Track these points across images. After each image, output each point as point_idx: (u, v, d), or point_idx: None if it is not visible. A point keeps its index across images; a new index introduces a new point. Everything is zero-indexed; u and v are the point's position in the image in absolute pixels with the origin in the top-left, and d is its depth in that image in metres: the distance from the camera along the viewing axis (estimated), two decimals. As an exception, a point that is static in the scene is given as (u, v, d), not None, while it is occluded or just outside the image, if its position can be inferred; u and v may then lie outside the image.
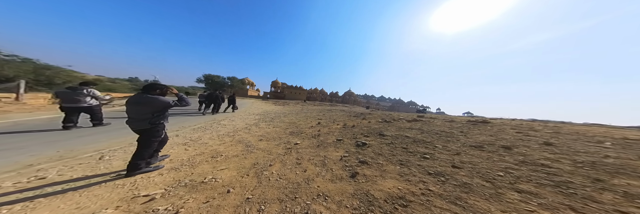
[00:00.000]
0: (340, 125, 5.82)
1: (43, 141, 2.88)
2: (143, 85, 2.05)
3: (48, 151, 2.49)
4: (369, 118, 7.13)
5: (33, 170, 1.94)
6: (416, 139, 3.52)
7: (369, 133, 4.11)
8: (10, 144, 2.64)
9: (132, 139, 2.86)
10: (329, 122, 6.70)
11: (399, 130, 4.30)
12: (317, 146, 3.35)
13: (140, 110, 1.92)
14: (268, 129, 5.23)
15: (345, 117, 8.38)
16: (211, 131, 4.56)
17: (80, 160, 2.28)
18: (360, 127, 4.99)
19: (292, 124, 6.27)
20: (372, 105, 64.58)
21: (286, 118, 8.07)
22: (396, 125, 5.03)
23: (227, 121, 6.06)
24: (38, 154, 2.37)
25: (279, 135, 4.53)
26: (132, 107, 1.93)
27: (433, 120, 6.13)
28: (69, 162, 2.19)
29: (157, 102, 1.93)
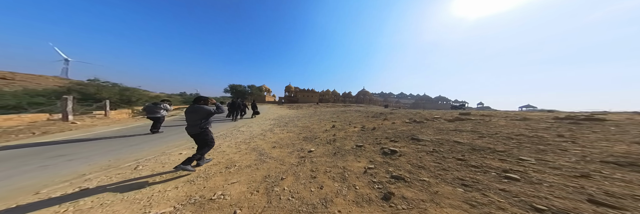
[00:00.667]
0: (358, 127, 5.43)
1: (104, 150, 3.41)
2: (193, 98, 2.59)
3: (102, 160, 2.87)
4: (391, 118, 6.54)
5: (82, 180, 2.17)
6: (476, 146, 2.54)
7: (397, 137, 3.51)
8: (82, 154, 3.17)
9: (167, 148, 3.61)
10: (345, 124, 6.34)
11: (439, 133, 3.41)
12: (334, 155, 3.05)
13: (193, 117, 2.42)
14: (282, 135, 5.15)
15: (362, 118, 7.90)
16: (230, 138, 4.59)
17: (120, 169, 2.53)
18: (383, 130, 4.49)
19: (305, 128, 6.11)
20: (391, 103, 61.17)
21: (300, 122, 7.98)
22: (433, 126, 4.12)
23: (245, 128, 6.13)
24: (94, 163, 2.72)
25: (292, 140, 4.38)
26: (187, 115, 2.46)
27: (488, 118, 4.59)
28: (111, 172, 2.43)
29: (202, 110, 2.42)
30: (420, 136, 3.36)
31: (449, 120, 4.82)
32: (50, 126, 5.40)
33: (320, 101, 51.15)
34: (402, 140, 3.33)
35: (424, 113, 7.73)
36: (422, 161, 2.36)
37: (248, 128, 6.29)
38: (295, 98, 51.19)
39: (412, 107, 64.43)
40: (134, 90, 12.26)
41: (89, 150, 3.38)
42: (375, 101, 62.92)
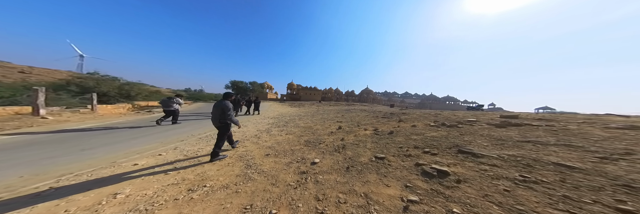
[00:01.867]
0: (369, 130, 4.54)
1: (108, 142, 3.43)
2: (224, 93, 2.87)
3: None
4: (408, 120, 5.60)
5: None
6: (621, 179, 1.42)
7: (432, 148, 2.58)
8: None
9: (160, 144, 3.47)
10: (353, 126, 5.46)
11: (502, 145, 2.35)
12: (347, 170, 2.21)
13: (215, 111, 2.69)
14: (280, 137, 4.31)
15: (370, 119, 6.99)
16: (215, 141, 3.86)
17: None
18: (405, 135, 3.58)
19: (307, 129, 5.26)
20: (396, 102, 59.78)
21: (301, 121, 7.14)
22: (479, 133, 3.00)
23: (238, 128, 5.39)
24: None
25: (291, 145, 3.54)
26: (213, 109, 2.73)
27: (557, 124, 3.38)
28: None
29: (223, 105, 2.64)
30: (473, 148, 2.32)
31: (497, 125, 3.56)
32: (12, 121, 4.69)
33: (323, 99, 50.28)
34: (445, 154, 2.34)
35: (446, 113, 6.72)
36: (516, 198, 1.34)
37: (242, 127, 5.48)
38: (298, 96, 50.39)
39: (418, 107, 62.95)
40: (133, 84, 11.75)
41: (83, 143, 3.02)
42: (379, 100, 61.65)
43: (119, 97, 10.03)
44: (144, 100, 12.29)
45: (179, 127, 5.26)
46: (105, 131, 4.32)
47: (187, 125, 5.69)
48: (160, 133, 4.38)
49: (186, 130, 4.96)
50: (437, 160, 2.17)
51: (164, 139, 3.86)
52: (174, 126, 5.39)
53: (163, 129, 4.91)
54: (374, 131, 4.27)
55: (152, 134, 4.26)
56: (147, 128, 4.92)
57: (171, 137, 4.05)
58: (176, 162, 2.57)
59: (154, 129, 4.87)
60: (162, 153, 2.90)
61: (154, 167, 2.37)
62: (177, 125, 5.52)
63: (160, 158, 2.71)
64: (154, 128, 4.95)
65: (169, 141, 3.70)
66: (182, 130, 4.87)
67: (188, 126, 5.46)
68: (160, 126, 5.20)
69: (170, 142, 3.66)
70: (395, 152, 2.64)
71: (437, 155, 2.33)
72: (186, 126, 5.56)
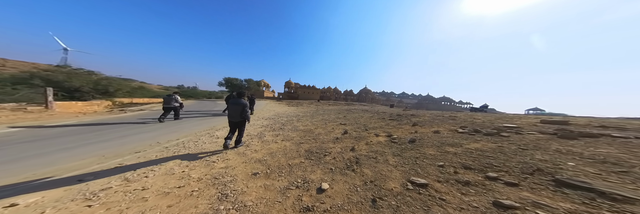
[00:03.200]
0: (382, 136, 3.78)
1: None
2: (237, 92, 3.42)
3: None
4: (422, 123, 4.81)
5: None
6: None
7: (496, 169, 1.83)
8: None
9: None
10: (360, 130, 4.69)
11: (624, 174, 1.52)
12: (374, 207, 1.45)
13: (236, 109, 3.13)
14: (274, 144, 3.49)
15: (377, 121, 6.24)
16: (188, 150, 2.96)
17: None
18: (434, 145, 2.79)
19: (308, 134, 4.46)
20: (394, 102, 59.62)
21: (300, 123, 6.32)
22: (545, 147, 2.25)
23: (224, 131, 4.44)
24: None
25: (289, 158, 2.74)
26: (232, 106, 3.17)
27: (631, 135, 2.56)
28: None
29: (242, 104, 3.15)
30: (585, 179, 1.45)
31: (558, 135, 2.63)
32: None
33: (321, 98, 49.52)
34: (533, 185, 1.51)
35: (462, 116, 5.96)
36: None
37: (228, 131, 4.59)
38: (295, 95, 49.40)
39: (415, 107, 63.07)
40: (112, 79, 10.53)
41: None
42: (377, 100, 61.35)
43: (95, 93, 8.96)
44: (126, 96, 11.16)
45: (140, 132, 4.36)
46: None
47: (157, 129, 4.79)
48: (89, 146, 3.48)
49: (152, 135, 4.08)
50: (529, 198, 1.34)
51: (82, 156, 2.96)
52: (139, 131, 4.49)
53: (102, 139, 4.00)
54: (389, 138, 3.50)
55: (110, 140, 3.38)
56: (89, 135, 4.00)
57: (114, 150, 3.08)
58: (117, 185, 1.73)
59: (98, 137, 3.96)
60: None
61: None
62: (153, 127, 4.68)
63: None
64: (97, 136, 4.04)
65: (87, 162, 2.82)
66: (148, 135, 3.99)
67: (157, 131, 4.57)
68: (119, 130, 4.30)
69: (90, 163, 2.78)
70: (438, 174, 1.86)
71: (518, 186, 1.51)
72: (156, 130, 4.66)
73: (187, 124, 5.48)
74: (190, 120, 6.35)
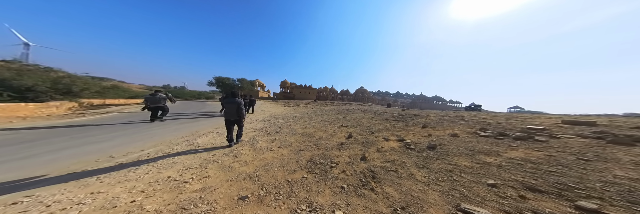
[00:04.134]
0: (393, 140, 3.31)
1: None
2: (231, 92, 3.42)
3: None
4: (432, 125, 4.39)
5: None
6: None
7: (578, 194, 1.32)
8: None
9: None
10: (365, 133, 4.21)
11: None
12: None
13: (232, 107, 3.21)
14: (269, 153, 2.94)
15: (381, 122, 5.80)
16: (151, 166, 2.26)
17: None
18: (463, 153, 2.35)
19: (307, 138, 3.92)
20: (389, 102, 60.03)
21: (298, 125, 5.77)
22: (610, 158, 1.80)
23: (209, 137, 3.84)
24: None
25: (287, 171, 2.20)
26: (227, 105, 3.24)
27: None
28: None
29: (238, 102, 3.23)
30: None
31: (616, 142, 2.21)
32: None
33: (318, 98, 49.05)
34: None
35: (470, 116, 5.56)
36: None
37: (214, 136, 3.95)
38: (291, 95, 48.59)
39: (410, 106, 63.97)
40: (76, 77, 9.22)
41: None
42: (373, 99, 61.67)
43: (54, 93, 7.77)
44: (95, 96, 10.00)
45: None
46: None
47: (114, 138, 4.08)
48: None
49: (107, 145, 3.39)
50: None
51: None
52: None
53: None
54: (402, 144, 3.03)
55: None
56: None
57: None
58: None
59: None
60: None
61: None
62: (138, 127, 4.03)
63: None
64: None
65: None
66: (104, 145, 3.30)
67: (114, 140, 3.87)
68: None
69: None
70: (498, 200, 1.37)
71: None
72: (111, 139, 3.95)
73: (162, 129, 4.58)
74: (169, 123, 5.54)
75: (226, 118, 3.23)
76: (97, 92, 10.24)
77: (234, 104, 3.16)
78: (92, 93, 9.69)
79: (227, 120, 3.23)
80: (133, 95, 14.87)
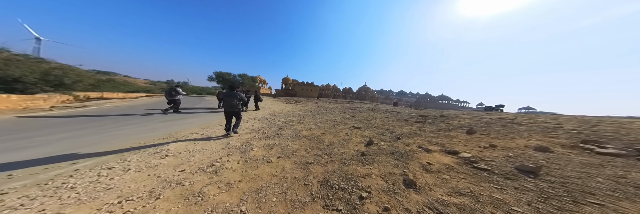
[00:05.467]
0: (439, 152, 2.40)
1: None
2: (229, 85, 3.61)
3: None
4: (479, 130, 3.37)
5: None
6: None
7: None
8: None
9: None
10: (388, 138, 3.33)
11: None
12: None
13: (231, 100, 3.39)
14: (264, 167, 2.07)
15: (399, 123, 4.91)
16: (113, 192, 1.48)
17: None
18: (609, 189, 1.40)
19: (315, 143, 3.05)
20: (393, 100, 58.81)
21: (302, 125, 4.90)
22: None
23: (196, 145, 2.89)
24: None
25: (291, 205, 1.35)
26: (227, 98, 3.40)
27: None
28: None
29: (239, 95, 3.46)
30: None
31: None
32: None
33: (320, 96, 48.16)
34: None
35: (528, 120, 4.40)
36: None
37: (198, 143, 3.03)
38: (293, 92, 47.72)
39: (415, 105, 62.68)
40: (70, 69, 8.56)
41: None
42: (377, 98, 60.46)
43: (45, 85, 7.24)
44: (90, 89, 9.33)
45: None
46: None
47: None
48: None
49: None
50: None
51: None
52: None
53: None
54: (459, 159, 2.11)
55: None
56: None
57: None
58: None
59: None
60: None
61: None
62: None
63: None
64: None
65: None
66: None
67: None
68: None
69: None
70: None
71: None
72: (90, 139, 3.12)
73: (127, 130, 3.49)
74: (148, 120, 4.61)
75: (226, 109, 3.39)
76: (92, 85, 9.56)
77: (233, 97, 3.36)
78: (86, 86, 9.01)
79: (227, 111, 3.40)
80: (134, 90, 14.19)
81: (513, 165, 1.83)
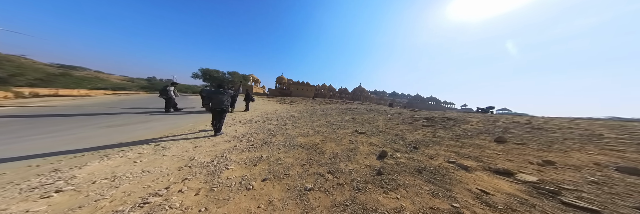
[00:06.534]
0: (482, 170, 1.79)
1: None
2: (217, 84, 3.67)
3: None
4: (515, 137, 2.87)
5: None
6: None
7: None
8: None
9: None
10: (403, 147, 2.72)
11: None
12: None
13: (221, 98, 3.37)
14: (240, 200, 1.36)
15: (406, 127, 4.35)
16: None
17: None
18: None
19: (314, 155, 2.34)
20: (387, 101, 59.42)
21: (297, 129, 4.17)
22: None
23: (136, 164, 1.98)
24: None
25: None
26: (217, 96, 3.35)
27: None
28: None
29: (228, 93, 3.47)
30: None
31: None
32: None
33: (316, 96, 47.43)
34: None
35: (552, 125, 3.83)
36: None
37: (141, 160, 2.07)
38: (288, 91, 46.60)
39: (407, 106, 63.85)
40: (5, 59, 7.29)
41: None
42: (371, 98, 60.84)
43: None
44: (36, 85, 7.87)
45: None
46: None
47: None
48: None
49: None
50: None
51: None
52: None
53: None
54: (525, 186, 1.47)
55: None
56: None
57: None
58: None
59: None
60: None
61: None
62: None
63: None
64: None
65: None
66: None
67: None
68: None
69: None
70: None
71: None
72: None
73: (38, 141, 2.49)
74: (72, 127, 3.24)
75: (213, 107, 3.35)
76: (40, 80, 8.07)
77: (224, 95, 3.39)
78: (31, 80, 7.57)
79: (216, 109, 3.36)
80: (103, 87, 12.55)
81: (626, 201, 1.23)
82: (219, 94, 3.33)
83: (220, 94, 3.33)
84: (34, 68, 7.99)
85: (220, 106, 3.31)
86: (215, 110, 3.31)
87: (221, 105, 3.32)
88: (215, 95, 3.32)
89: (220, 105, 3.31)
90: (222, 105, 3.33)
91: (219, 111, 3.34)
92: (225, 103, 3.36)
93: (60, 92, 8.52)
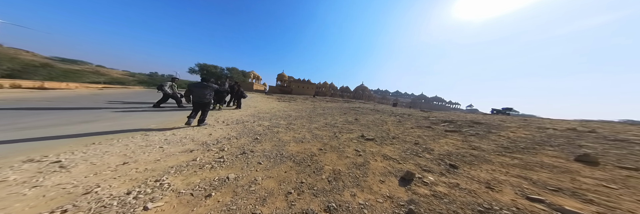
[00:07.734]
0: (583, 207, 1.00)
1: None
2: (201, 78, 3.54)
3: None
4: (598, 153, 2.05)
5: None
6: None
7: None
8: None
9: None
10: (435, 164, 1.91)
11: None
12: None
13: (204, 91, 3.31)
14: None
15: (424, 131, 3.53)
16: None
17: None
18: None
19: (307, 176, 1.53)
20: (390, 100, 58.29)
21: (290, 133, 3.35)
22: None
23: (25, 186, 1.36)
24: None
25: None
26: (197, 89, 3.30)
27: None
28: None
29: (211, 87, 3.42)
30: None
31: None
32: None
33: (317, 94, 46.63)
34: None
35: (603, 130, 2.96)
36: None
37: (30, 180, 1.36)
38: (289, 89, 45.83)
39: (411, 106, 62.58)
40: None
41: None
42: (374, 97, 59.77)
43: None
44: (15, 76, 7.20)
45: None
46: None
47: None
48: None
49: None
50: None
51: None
52: None
53: None
54: None
55: None
56: None
57: None
58: None
59: None
60: None
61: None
62: None
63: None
64: None
65: None
66: None
67: None
68: None
69: None
70: None
71: None
72: None
73: None
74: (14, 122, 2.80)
75: (194, 100, 3.27)
76: (18, 71, 7.38)
77: (205, 88, 3.31)
78: (5, 70, 6.88)
79: (196, 102, 3.28)
80: (97, 81, 11.92)
81: None
82: (201, 87, 3.28)
83: (203, 87, 3.29)
84: (9, 58, 7.28)
85: (201, 99, 3.25)
86: (196, 102, 3.26)
87: (203, 99, 3.26)
88: (197, 88, 3.27)
89: (202, 98, 3.25)
90: (204, 99, 3.27)
91: (199, 105, 3.29)
92: (207, 97, 3.29)
93: (46, 84, 7.81)
